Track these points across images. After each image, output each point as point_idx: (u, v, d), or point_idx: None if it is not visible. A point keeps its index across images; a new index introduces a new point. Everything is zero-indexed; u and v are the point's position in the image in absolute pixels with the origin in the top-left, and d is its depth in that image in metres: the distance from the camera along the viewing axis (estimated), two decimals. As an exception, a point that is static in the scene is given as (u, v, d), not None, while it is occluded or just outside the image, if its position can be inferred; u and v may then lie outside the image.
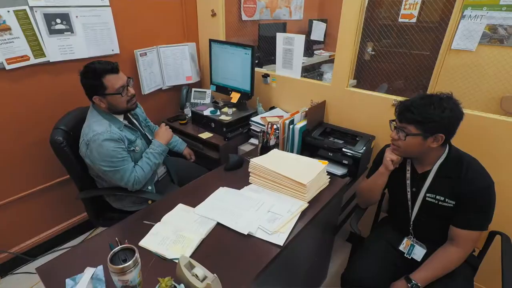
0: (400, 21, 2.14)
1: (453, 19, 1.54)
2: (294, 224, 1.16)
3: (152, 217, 1.20)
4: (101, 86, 1.32)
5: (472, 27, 1.54)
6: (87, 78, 1.32)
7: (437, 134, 1.08)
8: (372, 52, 2.95)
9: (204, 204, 1.27)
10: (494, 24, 1.67)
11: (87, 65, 1.34)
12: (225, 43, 2.06)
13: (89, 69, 1.32)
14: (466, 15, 1.53)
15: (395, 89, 2.54)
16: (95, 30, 1.79)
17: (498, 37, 1.73)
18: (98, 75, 1.31)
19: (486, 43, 1.69)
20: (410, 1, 2.05)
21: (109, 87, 1.34)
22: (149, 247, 1.05)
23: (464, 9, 1.51)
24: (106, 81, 1.33)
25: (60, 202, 1.96)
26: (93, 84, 1.32)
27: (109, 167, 1.34)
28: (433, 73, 1.71)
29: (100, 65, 1.32)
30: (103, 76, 1.32)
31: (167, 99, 2.39)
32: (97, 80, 1.31)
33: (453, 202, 1.14)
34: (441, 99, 1.07)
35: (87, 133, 1.33)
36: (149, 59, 2.12)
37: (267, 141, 1.64)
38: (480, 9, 1.51)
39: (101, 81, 1.32)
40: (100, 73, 1.31)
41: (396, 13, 2.19)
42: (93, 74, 1.31)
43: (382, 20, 2.53)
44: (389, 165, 1.23)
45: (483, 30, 1.56)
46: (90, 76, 1.31)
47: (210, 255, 1.03)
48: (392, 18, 2.59)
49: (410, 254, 1.25)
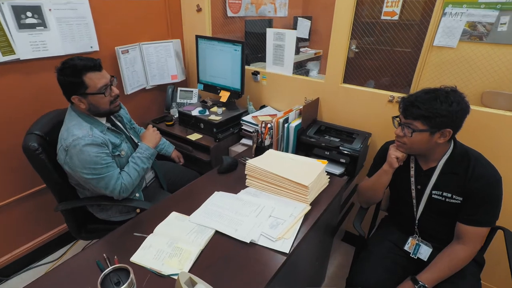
0: (382, 19, 2.13)
1: (435, 17, 1.55)
2: (298, 229, 1.09)
3: (143, 228, 1.09)
4: (82, 85, 1.19)
5: (452, 24, 1.57)
6: (65, 75, 1.18)
7: (445, 129, 1.04)
8: (356, 50, 2.95)
9: (199, 211, 1.18)
10: (474, 21, 1.69)
11: (66, 61, 1.20)
12: (212, 39, 1.96)
13: (68, 65, 1.18)
14: (447, 13, 1.55)
15: (382, 86, 2.55)
16: (71, 25, 1.64)
17: (478, 34, 1.76)
18: (79, 72, 1.18)
19: (467, 39, 1.72)
20: None
21: (91, 86, 1.21)
22: (142, 262, 0.94)
23: (445, 6, 1.53)
24: (88, 79, 1.20)
25: (36, 214, 1.79)
26: (72, 82, 1.18)
27: (92, 175, 1.21)
28: (416, 70, 1.73)
29: (81, 61, 1.18)
30: (84, 73, 1.18)
31: (152, 99, 2.26)
32: (77, 77, 1.18)
33: (461, 198, 1.11)
34: (447, 93, 1.03)
35: (66, 138, 1.20)
36: (132, 56, 1.99)
37: (261, 141, 1.57)
38: (460, 7, 1.52)
39: (82, 79, 1.18)
40: (81, 70, 1.18)
41: (378, 11, 2.19)
42: (73, 71, 1.17)
43: (365, 18, 2.54)
44: (393, 163, 1.19)
45: (463, 27, 1.58)
46: (69, 73, 1.17)
47: (211, 268, 0.94)
48: (375, 15, 2.61)
49: (416, 254, 1.21)
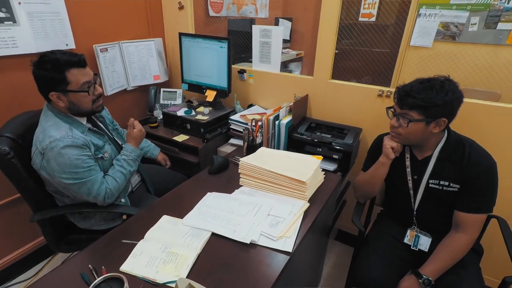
0: (360, 20, 2.17)
1: (410, 18, 1.60)
2: (299, 227, 1.04)
3: (131, 234, 1.00)
4: (63, 81, 1.08)
5: (427, 25, 1.62)
6: (44, 70, 1.07)
7: (440, 119, 1.04)
8: (336, 51, 3.00)
9: (193, 213, 1.10)
10: (447, 22, 1.75)
11: (45, 54, 1.09)
12: (197, 36, 1.90)
13: (48, 59, 1.07)
14: (422, 14, 1.60)
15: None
16: (44, 20, 1.52)
17: (451, 34, 1.84)
18: (60, 68, 1.07)
19: (441, 39, 1.79)
20: (369, 0, 2.09)
21: (73, 82, 1.10)
22: (133, 271, 0.86)
23: (420, 7, 1.58)
24: (70, 75, 1.09)
25: (8, 228, 1.63)
26: (52, 77, 1.07)
27: (73, 180, 1.10)
28: (395, 69, 1.78)
29: (64, 56, 1.08)
30: (67, 69, 1.08)
31: (133, 101, 2.15)
32: (59, 73, 1.07)
33: (458, 186, 1.10)
34: (442, 82, 1.03)
35: (42, 140, 1.08)
36: (111, 55, 1.88)
37: (253, 139, 1.51)
38: (434, 8, 1.57)
39: (64, 75, 1.08)
40: (64, 65, 1.07)
41: (356, 13, 2.23)
42: (54, 65, 1.06)
43: (344, 20, 2.60)
44: (390, 153, 1.17)
45: (437, 28, 1.64)
46: (50, 68, 1.06)
47: (211, 273, 0.87)
48: (353, 17, 2.68)
49: (416, 246, 1.20)
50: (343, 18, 2.64)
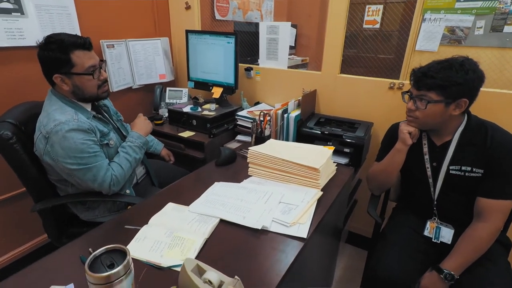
0: (364, 27, 2.17)
1: (415, 23, 1.60)
2: (313, 214, 0.98)
3: (134, 221, 0.94)
4: (68, 62, 1.05)
5: (432, 30, 1.62)
6: (49, 50, 1.04)
7: (460, 99, 0.99)
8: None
9: (200, 201, 1.04)
10: (452, 26, 1.74)
11: (51, 35, 1.06)
12: (204, 33, 1.89)
13: (53, 39, 1.04)
14: (427, 19, 1.60)
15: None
16: (52, 13, 1.52)
17: (456, 38, 1.83)
18: (66, 49, 1.04)
19: (446, 43, 1.78)
20: (373, 8, 2.09)
21: (78, 64, 1.07)
22: (136, 255, 0.79)
23: (424, 12, 1.57)
24: (75, 57, 1.06)
25: (7, 225, 1.58)
26: (57, 58, 1.04)
27: (78, 165, 1.06)
28: (401, 74, 1.76)
29: (69, 37, 1.05)
30: (71, 50, 1.05)
31: (139, 99, 2.13)
32: (64, 54, 1.04)
33: (481, 170, 1.04)
34: (462, 61, 0.99)
35: (46, 124, 1.05)
36: (118, 52, 1.88)
37: (261, 131, 1.47)
38: (438, 13, 1.57)
39: (69, 56, 1.05)
40: (69, 46, 1.05)
41: (361, 20, 2.24)
42: (59, 46, 1.04)
43: (348, 27, 2.62)
44: (407, 139, 1.11)
45: (443, 32, 1.63)
46: (55, 48, 1.03)
47: (221, 258, 0.80)
48: (358, 24, 2.70)
49: (438, 238, 1.12)
50: (348, 26, 2.67)
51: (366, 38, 2.81)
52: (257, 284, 0.72)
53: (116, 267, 0.53)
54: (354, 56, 2.68)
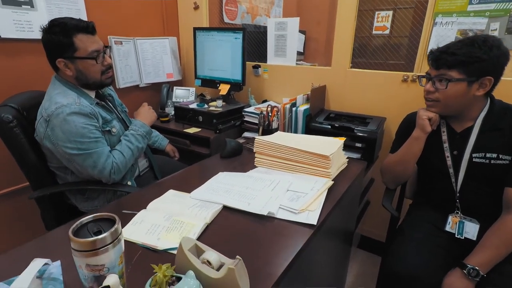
0: (374, 33, 2.13)
1: (426, 27, 1.56)
2: (323, 202, 0.90)
3: (133, 207, 0.89)
4: (70, 46, 1.04)
5: (444, 33, 1.57)
6: (52, 34, 1.02)
7: (484, 78, 0.92)
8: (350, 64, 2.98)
9: (202, 188, 0.99)
10: (465, 29, 1.69)
11: (55, 19, 1.05)
12: (211, 29, 1.88)
13: (56, 23, 1.03)
14: (438, 22, 1.56)
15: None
16: (61, 8, 1.53)
17: None
18: (68, 32, 1.03)
19: None
20: (382, 14, 2.06)
21: (81, 48, 1.05)
22: (132, 238, 0.74)
23: (435, 16, 1.54)
24: (78, 40, 1.04)
25: (6, 221, 1.54)
26: (60, 41, 1.02)
27: (78, 150, 1.02)
28: (414, 67, 1.70)
29: (72, 21, 1.04)
30: (74, 33, 1.03)
31: (145, 98, 2.11)
32: (66, 37, 1.02)
33: (509, 157, 0.95)
34: (485, 37, 0.92)
35: (48, 107, 1.02)
36: (125, 49, 1.88)
37: (268, 123, 1.41)
38: (450, 16, 1.53)
39: (71, 40, 1.03)
40: (71, 29, 1.03)
41: (369, 26, 2.21)
42: (62, 29, 1.02)
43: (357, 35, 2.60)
44: (426, 125, 1.04)
45: (455, 35, 1.56)
46: (57, 31, 1.02)
47: (223, 243, 0.74)
48: (367, 31, 2.67)
49: (462, 234, 1.02)
50: (356, 33, 2.65)
51: (376, 47, 2.76)
52: (262, 269, 0.65)
53: (104, 233, 0.47)
54: (364, 63, 2.64)
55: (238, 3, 2.84)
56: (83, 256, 0.46)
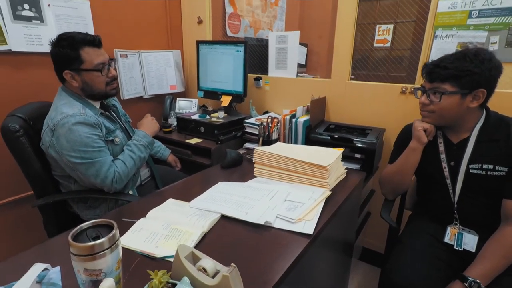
0: (375, 46, 2.17)
1: (426, 40, 1.58)
2: (320, 211, 0.91)
3: (133, 215, 0.90)
4: (77, 59, 1.09)
5: (445, 46, 1.59)
6: (60, 47, 1.08)
7: (477, 90, 0.94)
8: (352, 76, 3.02)
9: (201, 197, 1.00)
10: (465, 42, 1.72)
11: (63, 33, 1.11)
12: (214, 42, 1.93)
13: (64, 37, 1.09)
14: (438, 35, 1.58)
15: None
16: (70, 23, 1.59)
17: None
18: (75, 45, 1.08)
19: None
20: (383, 27, 2.11)
21: (87, 61, 1.10)
22: (130, 245, 0.75)
23: (435, 30, 1.57)
24: (84, 53, 1.09)
25: (10, 229, 1.56)
26: (67, 55, 1.08)
27: (81, 159, 1.05)
28: (416, 79, 1.71)
29: (79, 34, 1.09)
30: (81, 47, 1.09)
31: (149, 109, 2.16)
32: (73, 50, 1.08)
33: (505, 169, 0.95)
34: (477, 51, 0.94)
35: (54, 117, 1.06)
36: (130, 62, 1.93)
37: (268, 134, 1.43)
38: (450, 29, 1.55)
39: (78, 53, 1.08)
40: (79, 42, 1.08)
41: (371, 39, 2.26)
42: (70, 43, 1.07)
43: (357, 47, 2.63)
44: (422, 136, 1.05)
45: (456, 48, 1.58)
46: (65, 45, 1.07)
47: (220, 252, 0.75)
48: (368, 44, 2.72)
49: (461, 246, 1.01)
50: (358, 46, 2.69)
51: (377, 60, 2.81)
52: (257, 277, 0.66)
53: (102, 238, 0.49)
54: (365, 75, 2.68)
55: (241, 17, 2.91)
56: (81, 260, 0.47)
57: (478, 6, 1.45)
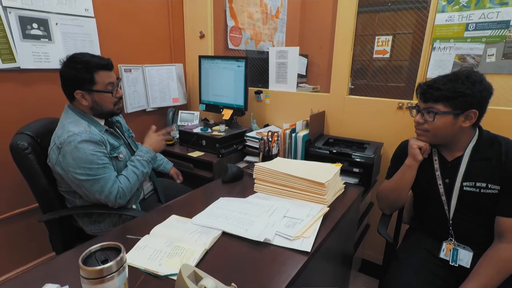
0: (374, 57, 2.22)
1: (424, 51, 1.62)
2: (318, 228, 0.94)
3: (137, 231, 0.94)
4: (90, 81, 1.14)
5: (443, 58, 1.63)
6: (74, 69, 1.13)
7: (469, 111, 0.97)
8: (351, 86, 3.07)
9: (203, 214, 1.03)
10: (463, 54, 1.76)
11: (75, 54, 1.16)
12: (215, 57, 1.98)
13: (78, 59, 1.13)
14: (436, 47, 1.62)
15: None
16: (76, 40, 1.65)
17: (468, 65, 1.83)
18: (90, 69, 1.13)
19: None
20: (382, 38, 2.15)
21: (99, 83, 1.16)
22: (135, 263, 0.78)
23: (433, 42, 1.60)
24: (98, 76, 1.15)
25: (16, 240, 1.59)
26: (81, 77, 1.13)
27: (87, 176, 1.09)
28: (414, 96, 1.73)
29: (93, 59, 1.15)
30: (96, 70, 1.14)
31: (152, 121, 2.20)
32: (88, 73, 1.13)
33: (498, 187, 0.98)
34: (468, 73, 0.98)
35: (60, 135, 1.10)
36: (134, 76, 1.98)
37: (268, 149, 1.47)
38: (448, 42, 1.59)
39: (92, 76, 1.14)
40: (94, 67, 1.14)
41: (370, 51, 2.31)
42: (85, 66, 1.13)
43: (357, 57, 2.68)
44: (417, 154, 1.08)
45: (454, 60, 1.62)
46: (80, 68, 1.12)
47: (221, 269, 0.78)
48: (367, 55, 2.77)
49: (456, 261, 1.04)
50: (358, 56, 2.74)
51: (376, 69, 2.86)
52: (256, 295, 0.69)
53: (110, 262, 0.52)
54: (365, 85, 2.72)
55: (242, 30, 2.98)
56: (91, 283, 0.51)
57: (475, 19, 1.48)
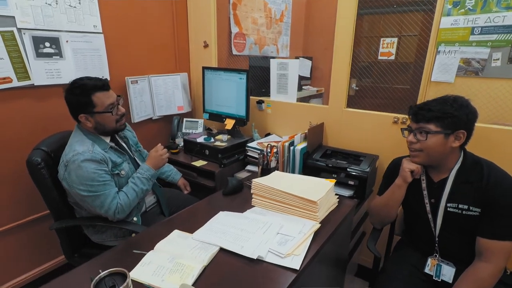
0: (380, 59, 2.24)
1: (429, 55, 1.63)
2: (308, 246, 1.02)
3: (143, 246, 1.03)
4: (90, 104, 1.23)
5: (447, 61, 1.64)
6: (73, 95, 1.22)
7: (458, 131, 1.03)
8: (356, 88, 3.09)
9: (203, 229, 1.12)
10: (468, 58, 1.77)
11: (75, 80, 1.25)
12: (218, 69, 2.05)
13: (77, 84, 1.23)
14: (441, 51, 1.63)
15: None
16: (86, 56, 1.74)
17: (473, 69, 1.84)
18: (87, 92, 1.22)
19: (463, 75, 1.78)
20: (387, 40, 2.18)
21: (98, 105, 1.24)
22: (140, 278, 0.87)
23: (438, 45, 1.61)
24: (96, 98, 1.23)
25: (30, 244, 1.71)
26: (81, 101, 1.22)
27: (88, 192, 1.19)
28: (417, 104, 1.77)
29: (90, 81, 1.23)
30: (92, 93, 1.23)
31: (158, 129, 2.30)
32: (86, 97, 1.22)
33: (479, 209, 1.04)
34: (455, 97, 1.05)
35: (67, 154, 1.20)
36: (140, 87, 2.07)
37: (267, 163, 1.54)
38: (453, 45, 1.60)
39: (90, 98, 1.22)
40: (90, 89, 1.22)
41: (375, 52, 2.33)
42: (82, 90, 1.22)
43: (362, 59, 2.70)
44: (407, 176, 1.15)
45: (458, 64, 1.63)
46: (78, 93, 1.21)
47: (216, 285, 0.86)
48: (373, 56, 2.79)
49: (439, 276, 1.11)
50: (362, 57, 2.76)
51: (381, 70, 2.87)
52: (247, 312, 0.77)
53: (117, 288, 0.61)
54: (370, 87, 2.74)
55: (246, 36, 3.02)
56: (101, 306, 0.59)
57: (481, 23, 1.47)
